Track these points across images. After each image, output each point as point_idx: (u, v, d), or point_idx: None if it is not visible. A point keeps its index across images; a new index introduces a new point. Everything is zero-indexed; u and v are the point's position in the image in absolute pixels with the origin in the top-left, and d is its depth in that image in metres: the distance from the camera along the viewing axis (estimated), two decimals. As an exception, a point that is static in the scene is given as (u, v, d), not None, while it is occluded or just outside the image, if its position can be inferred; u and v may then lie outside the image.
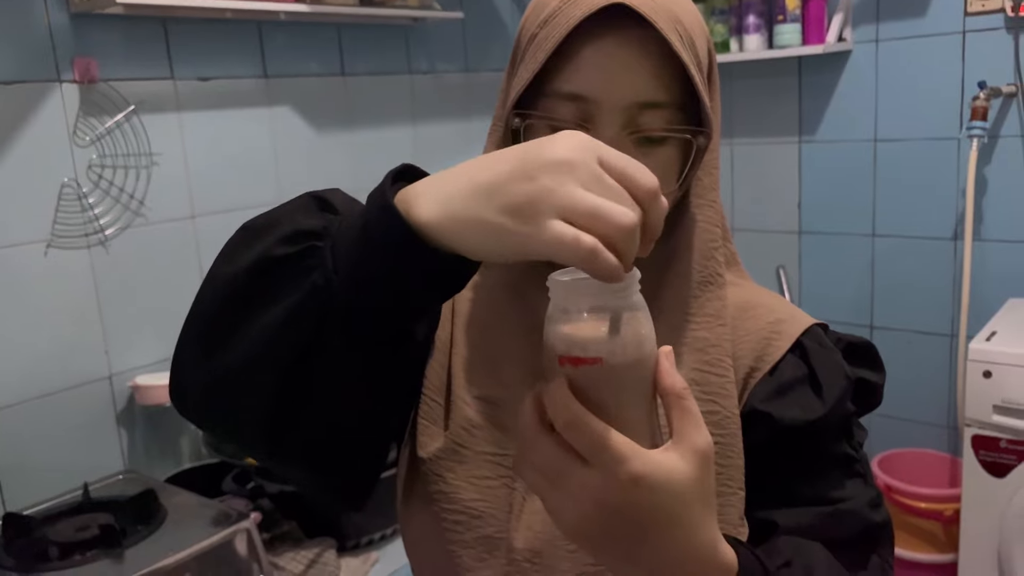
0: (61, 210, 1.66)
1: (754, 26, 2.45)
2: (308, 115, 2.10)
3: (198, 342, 0.62)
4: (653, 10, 0.64)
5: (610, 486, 0.49)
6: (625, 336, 0.51)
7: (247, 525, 1.46)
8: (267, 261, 0.58)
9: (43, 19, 1.62)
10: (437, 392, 0.75)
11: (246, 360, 0.59)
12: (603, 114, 0.66)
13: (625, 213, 0.47)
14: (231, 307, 0.60)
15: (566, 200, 0.48)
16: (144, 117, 1.77)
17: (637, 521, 0.50)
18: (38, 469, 1.63)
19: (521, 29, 0.71)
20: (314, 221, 0.60)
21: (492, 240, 0.50)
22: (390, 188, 0.55)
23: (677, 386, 0.52)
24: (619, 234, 0.47)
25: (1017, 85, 2.20)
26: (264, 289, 0.58)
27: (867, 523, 0.70)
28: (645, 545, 0.51)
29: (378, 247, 0.54)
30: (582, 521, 0.51)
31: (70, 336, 1.69)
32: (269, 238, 0.59)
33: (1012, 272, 2.29)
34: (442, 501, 0.72)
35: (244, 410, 0.61)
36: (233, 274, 0.60)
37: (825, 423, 0.71)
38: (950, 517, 2.21)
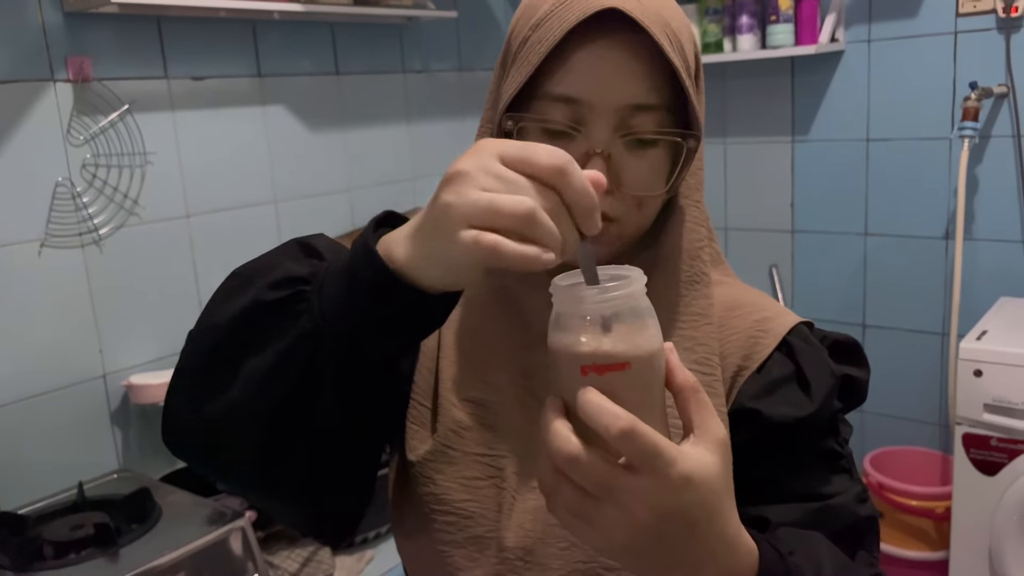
0: (55, 209, 1.66)
1: (747, 26, 2.46)
2: (302, 114, 2.10)
3: (189, 389, 0.65)
4: (644, 14, 0.65)
5: (664, 491, 0.49)
6: (644, 338, 0.51)
7: (242, 524, 1.47)
8: (256, 306, 0.61)
9: (37, 18, 1.61)
10: (425, 396, 0.76)
11: (235, 407, 0.61)
12: (595, 116, 0.67)
13: (517, 200, 0.49)
14: (220, 355, 0.62)
15: (462, 208, 0.50)
16: (138, 116, 1.77)
17: (686, 520, 0.50)
18: (33, 468, 1.63)
19: (511, 32, 0.72)
20: (301, 267, 0.62)
21: (438, 266, 0.53)
22: (372, 235, 0.57)
23: (691, 380, 0.53)
24: (518, 222, 0.48)
25: (1008, 86, 2.21)
26: (252, 336, 0.61)
27: (855, 517, 0.71)
28: (691, 542, 0.51)
29: (363, 290, 0.56)
30: (637, 534, 0.49)
31: (64, 335, 1.69)
32: (258, 284, 0.62)
33: (1003, 271, 2.31)
34: (432, 502, 0.73)
35: (234, 454, 0.64)
36: (222, 321, 0.63)
37: (813, 420, 0.72)
38: (941, 515, 2.22)
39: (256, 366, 0.60)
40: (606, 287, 0.51)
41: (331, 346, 0.58)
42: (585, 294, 0.51)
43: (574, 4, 0.65)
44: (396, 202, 2.27)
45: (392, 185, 2.29)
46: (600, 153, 0.66)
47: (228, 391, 0.61)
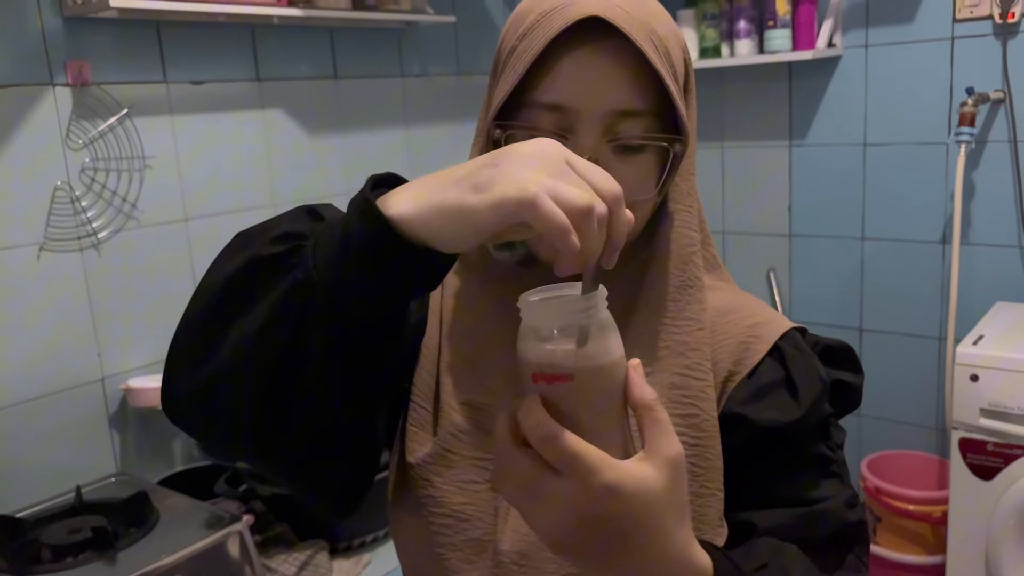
0: (54, 213, 1.66)
1: (745, 31, 2.46)
2: (301, 118, 2.10)
3: (186, 349, 0.64)
4: (628, 22, 0.65)
5: (584, 496, 0.50)
6: (594, 352, 0.53)
7: (239, 527, 1.47)
8: (253, 261, 0.61)
9: (36, 22, 1.62)
10: (425, 399, 0.77)
11: (230, 363, 0.61)
12: (582, 123, 0.67)
13: (581, 194, 0.50)
14: (216, 313, 0.62)
15: (530, 175, 0.50)
16: (137, 120, 1.78)
17: (612, 530, 0.52)
18: (30, 471, 1.64)
19: (502, 42, 0.73)
20: (302, 226, 0.63)
21: (453, 219, 0.53)
22: (370, 191, 0.57)
23: (647, 397, 0.54)
24: (576, 210, 0.49)
25: (1004, 91, 2.22)
26: (247, 291, 0.61)
27: (843, 522, 0.71)
28: (623, 554, 0.53)
29: (355, 241, 0.56)
30: (559, 530, 0.52)
31: (62, 339, 1.69)
32: (259, 241, 0.62)
33: (999, 276, 2.32)
34: (430, 505, 0.73)
35: (231, 414, 0.63)
36: (220, 279, 0.62)
37: (801, 425, 0.72)
38: (938, 519, 2.23)
39: (249, 321, 0.60)
40: (562, 301, 0.53)
41: (322, 298, 0.58)
42: (543, 308, 0.53)
43: (558, 13, 0.66)
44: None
45: (390, 189, 2.30)
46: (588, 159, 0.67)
47: (222, 349, 0.61)
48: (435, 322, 0.79)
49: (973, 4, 2.24)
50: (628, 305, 0.74)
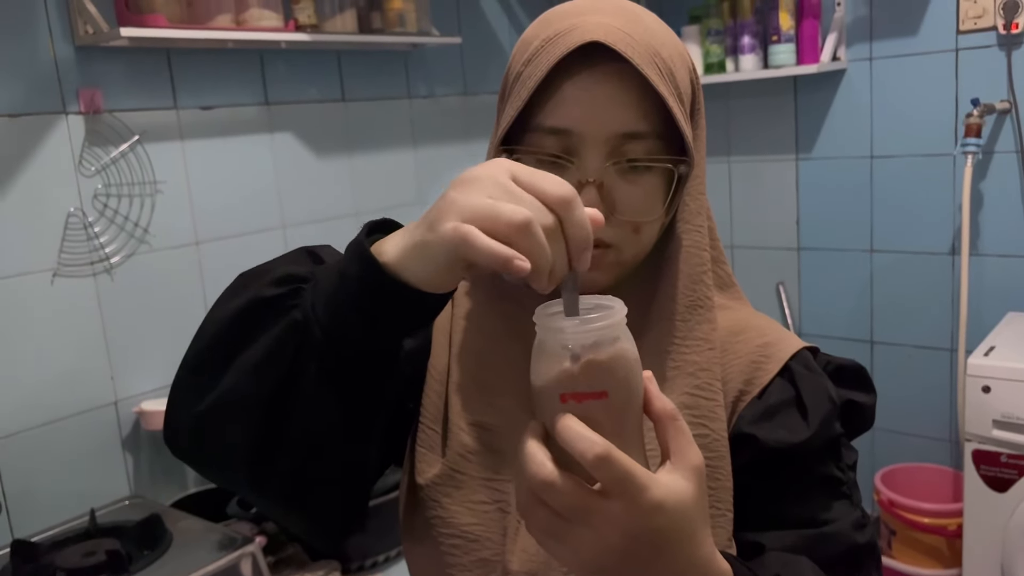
0: (67, 239, 1.68)
1: (749, 46, 2.48)
2: (309, 141, 2.12)
3: (188, 383, 0.67)
4: (630, 46, 0.66)
5: (635, 515, 0.51)
6: (623, 367, 0.53)
7: (252, 549, 1.47)
8: (254, 302, 0.64)
9: (49, 52, 1.65)
10: (434, 420, 0.77)
11: (228, 398, 0.63)
12: (586, 146, 0.68)
13: (516, 209, 0.51)
14: (216, 350, 0.64)
15: (463, 205, 0.52)
16: (148, 146, 1.80)
17: (655, 543, 0.52)
18: (45, 495, 1.65)
19: (509, 67, 0.74)
20: (301, 268, 0.66)
21: (424, 262, 0.55)
22: (366, 237, 0.60)
23: (668, 408, 0.54)
24: (512, 230, 0.50)
25: (1010, 101, 2.22)
26: (248, 330, 0.63)
27: (851, 545, 0.71)
28: (658, 563, 0.53)
29: (350, 284, 0.59)
30: (604, 554, 0.52)
31: (76, 363, 1.70)
32: (259, 283, 0.65)
33: (1009, 286, 2.31)
34: (440, 526, 0.74)
35: (227, 448, 0.65)
36: (221, 317, 0.65)
37: (810, 445, 0.72)
38: (954, 531, 2.21)
39: (247, 358, 0.62)
40: (587, 318, 0.53)
41: (318, 339, 0.60)
42: (566, 324, 0.53)
43: (561, 39, 0.67)
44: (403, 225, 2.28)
45: (399, 209, 2.31)
46: (592, 182, 0.68)
47: (221, 384, 0.63)
48: (443, 342, 0.80)
49: (977, 15, 2.24)
50: (638, 325, 0.74)
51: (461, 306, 0.80)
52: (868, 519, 0.74)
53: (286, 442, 0.64)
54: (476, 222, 0.51)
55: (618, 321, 0.53)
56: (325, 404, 0.63)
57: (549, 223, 0.52)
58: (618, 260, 0.71)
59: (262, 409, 0.62)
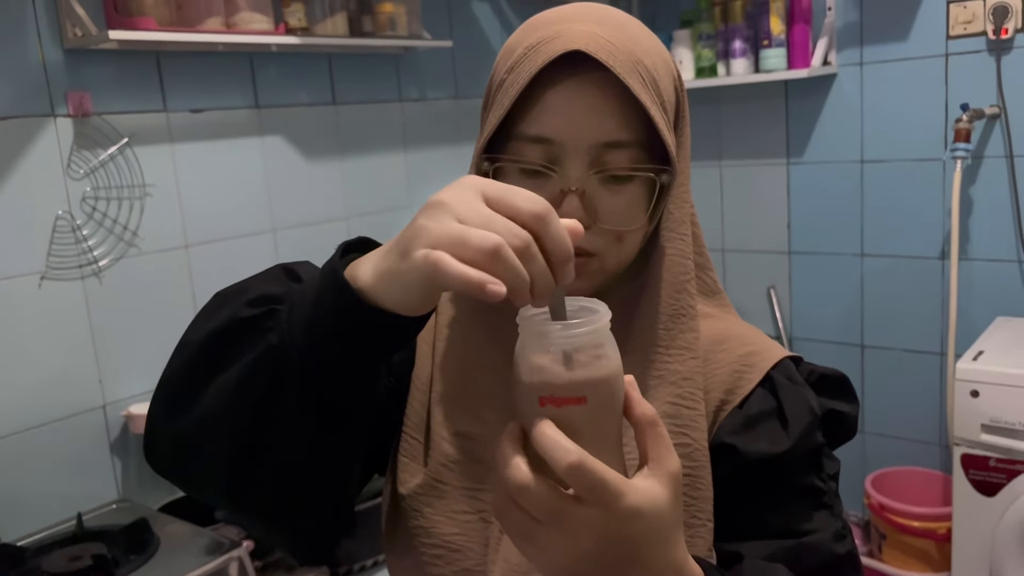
0: (55, 242, 1.67)
1: (740, 51, 2.48)
2: (300, 144, 2.12)
3: (164, 405, 0.66)
4: (612, 54, 0.66)
5: (610, 521, 0.51)
6: (604, 373, 0.52)
7: (239, 553, 1.47)
8: (230, 323, 0.63)
9: (37, 55, 1.64)
10: (416, 430, 0.77)
11: (207, 418, 0.62)
12: (568, 155, 0.68)
13: (485, 235, 0.50)
14: (194, 371, 0.64)
15: (433, 232, 0.51)
16: (137, 149, 1.80)
17: (630, 549, 0.53)
18: (32, 499, 1.64)
19: (493, 75, 0.73)
20: (278, 288, 0.64)
21: (398, 287, 0.54)
22: (340, 259, 0.59)
23: (649, 413, 0.54)
24: (482, 256, 0.49)
25: (1000, 107, 2.23)
26: (225, 351, 0.62)
27: (830, 555, 0.71)
28: (633, 569, 0.53)
29: (326, 309, 0.58)
30: (579, 559, 0.52)
31: (64, 367, 1.70)
32: (236, 303, 0.64)
33: (998, 291, 2.32)
34: (421, 536, 0.74)
35: (203, 470, 0.65)
36: (198, 338, 0.64)
37: (791, 456, 0.71)
38: (943, 535, 2.21)
39: (225, 381, 0.62)
40: (569, 323, 0.52)
41: (295, 363, 0.60)
42: (549, 328, 0.52)
43: (543, 47, 0.67)
44: (393, 229, 2.27)
45: (389, 212, 2.31)
46: (575, 191, 0.67)
47: (198, 406, 0.63)
48: (427, 352, 0.80)
49: (967, 21, 2.25)
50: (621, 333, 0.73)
51: (444, 314, 0.80)
52: (849, 530, 0.74)
53: (266, 464, 0.63)
54: (446, 248, 0.50)
55: (601, 327, 0.53)
56: (304, 426, 0.62)
57: (522, 243, 0.50)
58: (601, 268, 0.71)
59: (240, 432, 0.62)
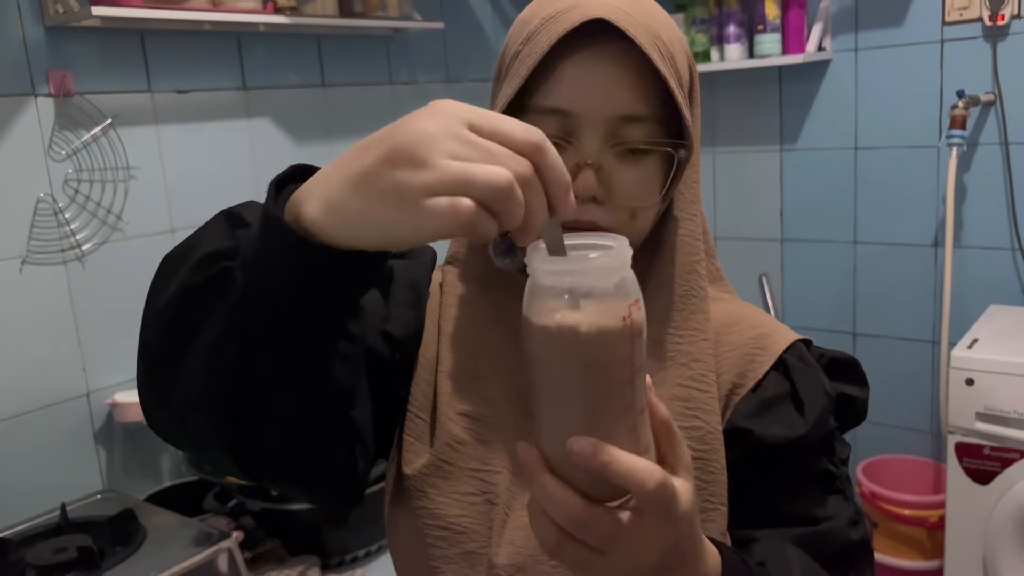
0: (36, 226, 1.63)
1: (734, 36, 2.46)
2: (288, 127, 2.08)
3: (148, 382, 0.64)
4: (632, 25, 0.64)
5: (669, 530, 0.51)
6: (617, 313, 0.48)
7: (229, 544, 1.44)
8: (182, 293, 0.59)
9: (18, 32, 1.59)
10: (422, 409, 0.75)
11: (192, 388, 0.60)
12: (585, 128, 0.66)
13: (495, 171, 0.46)
14: (164, 344, 0.61)
15: (432, 175, 0.46)
16: (121, 130, 1.75)
17: (681, 550, 0.53)
18: (14, 490, 1.60)
19: (505, 47, 0.72)
20: (224, 242, 0.60)
21: (377, 230, 0.50)
22: (274, 198, 0.55)
23: (664, 413, 0.53)
24: (493, 194, 0.46)
25: (995, 93, 2.22)
26: (188, 320, 0.59)
27: (845, 542, 0.71)
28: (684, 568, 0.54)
29: (276, 256, 0.54)
30: (640, 573, 0.52)
31: (47, 353, 1.66)
32: (185, 267, 0.60)
33: (993, 278, 2.31)
34: (426, 517, 0.72)
35: (207, 437, 0.63)
36: (159, 310, 0.61)
37: (806, 441, 0.71)
38: (935, 523, 2.22)
39: (199, 348, 0.59)
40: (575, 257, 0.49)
41: (262, 320, 0.57)
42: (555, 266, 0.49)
43: (561, 16, 0.66)
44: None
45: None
46: (591, 164, 0.66)
47: (179, 379, 0.60)
48: (433, 330, 0.78)
49: (962, 6, 2.24)
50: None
51: (450, 293, 0.78)
52: (862, 515, 0.74)
53: (263, 424, 0.62)
54: (446, 191, 0.46)
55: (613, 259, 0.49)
56: (290, 383, 0.60)
57: (528, 175, 0.47)
58: None
59: (227, 397, 0.59)
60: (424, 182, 0.46)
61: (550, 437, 0.50)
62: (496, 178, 0.46)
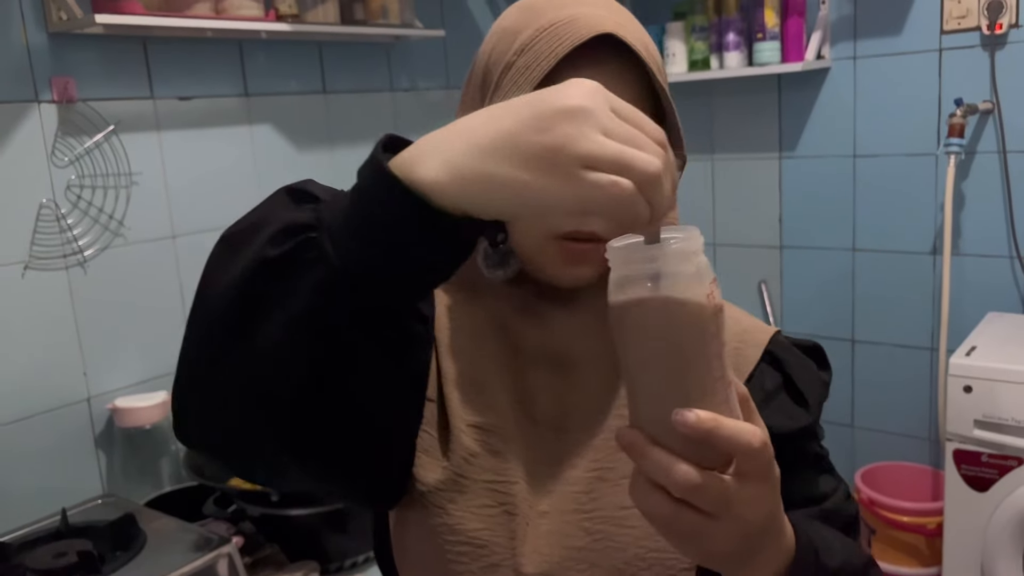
0: (39, 231, 1.64)
1: (734, 44, 2.47)
2: (289, 133, 2.09)
3: (196, 377, 0.58)
4: (636, 41, 0.66)
5: (768, 492, 0.53)
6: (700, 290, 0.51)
7: (228, 549, 1.45)
8: (261, 265, 0.53)
9: (21, 39, 1.60)
10: (429, 423, 0.74)
11: (257, 375, 0.55)
12: None
13: (650, 159, 0.47)
14: (230, 328, 0.55)
15: (589, 148, 0.46)
16: (123, 137, 1.76)
17: (778, 512, 0.56)
18: (15, 494, 1.61)
19: (487, 60, 0.71)
20: (300, 214, 0.55)
21: (511, 196, 0.48)
22: (383, 156, 0.52)
23: (741, 386, 0.55)
24: (648, 180, 0.47)
25: (993, 102, 2.23)
26: (261, 300, 0.53)
27: (847, 516, 0.76)
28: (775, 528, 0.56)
29: (381, 220, 0.50)
30: (750, 536, 0.53)
31: (48, 358, 1.66)
32: (257, 241, 0.54)
33: (991, 286, 2.32)
34: (446, 533, 0.71)
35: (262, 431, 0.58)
36: (222, 291, 0.55)
37: (809, 429, 0.75)
38: (933, 531, 2.22)
39: (273, 329, 0.53)
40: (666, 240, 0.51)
41: (355, 289, 0.52)
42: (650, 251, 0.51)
43: (563, 29, 0.66)
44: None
45: (380, 204, 2.29)
46: None
47: (243, 365, 0.55)
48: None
49: (961, 15, 2.25)
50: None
51: (440, 302, 0.78)
52: (848, 486, 0.79)
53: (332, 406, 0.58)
54: (608, 169, 0.46)
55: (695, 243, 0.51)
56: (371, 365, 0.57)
57: (663, 166, 0.48)
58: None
59: (301, 380, 0.55)
60: (583, 152, 0.46)
61: (650, 415, 0.52)
62: (652, 166, 0.47)
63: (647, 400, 0.52)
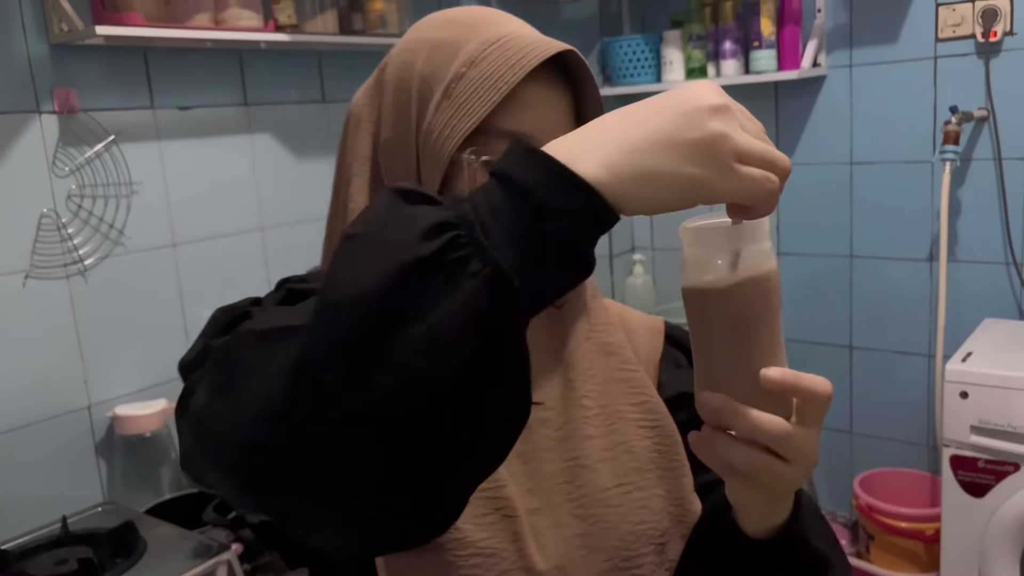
0: (40, 240, 1.65)
1: (730, 52, 2.48)
2: (289, 142, 2.10)
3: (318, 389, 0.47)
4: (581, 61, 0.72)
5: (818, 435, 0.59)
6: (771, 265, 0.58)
7: (228, 557, 1.45)
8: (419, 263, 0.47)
9: (22, 50, 1.62)
10: None
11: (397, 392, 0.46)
12: None
13: (785, 158, 0.52)
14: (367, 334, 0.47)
15: (741, 144, 0.50)
16: (124, 146, 1.77)
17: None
18: (15, 502, 1.61)
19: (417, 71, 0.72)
20: (443, 211, 0.49)
21: (677, 190, 0.50)
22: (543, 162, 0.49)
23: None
24: (785, 176, 0.52)
25: (988, 109, 2.24)
26: (410, 300, 0.46)
27: None
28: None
29: (553, 215, 0.48)
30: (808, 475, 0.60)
31: (48, 366, 1.67)
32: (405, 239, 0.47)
33: (987, 292, 2.33)
34: (457, 548, 0.70)
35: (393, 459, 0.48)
36: (369, 288, 0.47)
37: None
38: (931, 536, 2.22)
39: (418, 337, 0.46)
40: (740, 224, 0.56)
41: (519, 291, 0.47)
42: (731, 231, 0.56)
43: (514, 43, 0.69)
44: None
45: (379, 212, 2.30)
46: None
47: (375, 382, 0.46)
48: None
49: (956, 23, 2.26)
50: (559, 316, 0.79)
51: None
52: None
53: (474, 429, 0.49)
54: (759, 164, 0.51)
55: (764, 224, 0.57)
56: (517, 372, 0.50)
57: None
58: None
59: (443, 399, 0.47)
60: (738, 147, 0.50)
61: (732, 378, 0.57)
62: (787, 164, 0.52)
63: (729, 365, 0.58)
